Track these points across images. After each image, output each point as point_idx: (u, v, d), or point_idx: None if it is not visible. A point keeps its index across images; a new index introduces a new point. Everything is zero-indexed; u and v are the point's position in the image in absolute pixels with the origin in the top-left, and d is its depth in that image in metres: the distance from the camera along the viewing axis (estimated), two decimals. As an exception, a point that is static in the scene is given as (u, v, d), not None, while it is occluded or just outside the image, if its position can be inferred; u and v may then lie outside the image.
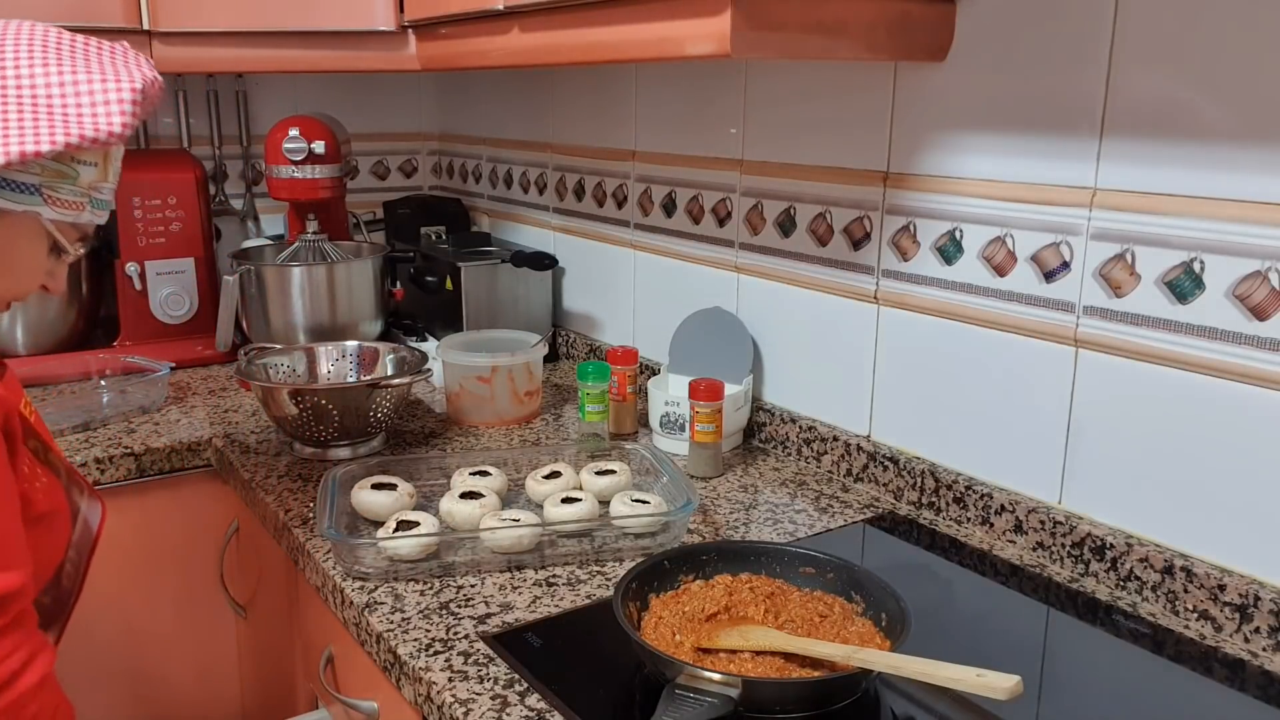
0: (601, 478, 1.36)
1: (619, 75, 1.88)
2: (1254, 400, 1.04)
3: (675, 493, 1.30)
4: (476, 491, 1.29)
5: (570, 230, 2.10)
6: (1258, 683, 1.00)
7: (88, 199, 0.97)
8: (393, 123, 2.56)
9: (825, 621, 1.03)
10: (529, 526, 1.21)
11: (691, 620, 1.02)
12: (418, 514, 1.24)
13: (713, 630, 1.01)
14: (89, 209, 0.97)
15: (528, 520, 1.22)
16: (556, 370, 2.05)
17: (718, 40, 1.07)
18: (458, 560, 1.20)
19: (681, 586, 1.09)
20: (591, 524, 1.24)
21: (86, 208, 0.97)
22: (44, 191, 0.92)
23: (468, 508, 1.26)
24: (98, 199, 0.98)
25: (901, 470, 1.41)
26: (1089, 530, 1.18)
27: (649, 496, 1.30)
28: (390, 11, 1.74)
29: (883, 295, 1.42)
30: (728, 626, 1.01)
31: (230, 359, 1.97)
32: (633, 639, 0.96)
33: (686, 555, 1.11)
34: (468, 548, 1.22)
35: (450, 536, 1.22)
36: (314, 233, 1.97)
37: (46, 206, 0.93)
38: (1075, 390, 1.20)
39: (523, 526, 1.20)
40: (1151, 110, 1.09)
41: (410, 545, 1.18)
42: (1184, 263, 1.08)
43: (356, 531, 1.27)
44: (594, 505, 1.27)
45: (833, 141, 1.46)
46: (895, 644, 0.96)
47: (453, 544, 1.21)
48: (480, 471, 1.37)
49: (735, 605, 1.04)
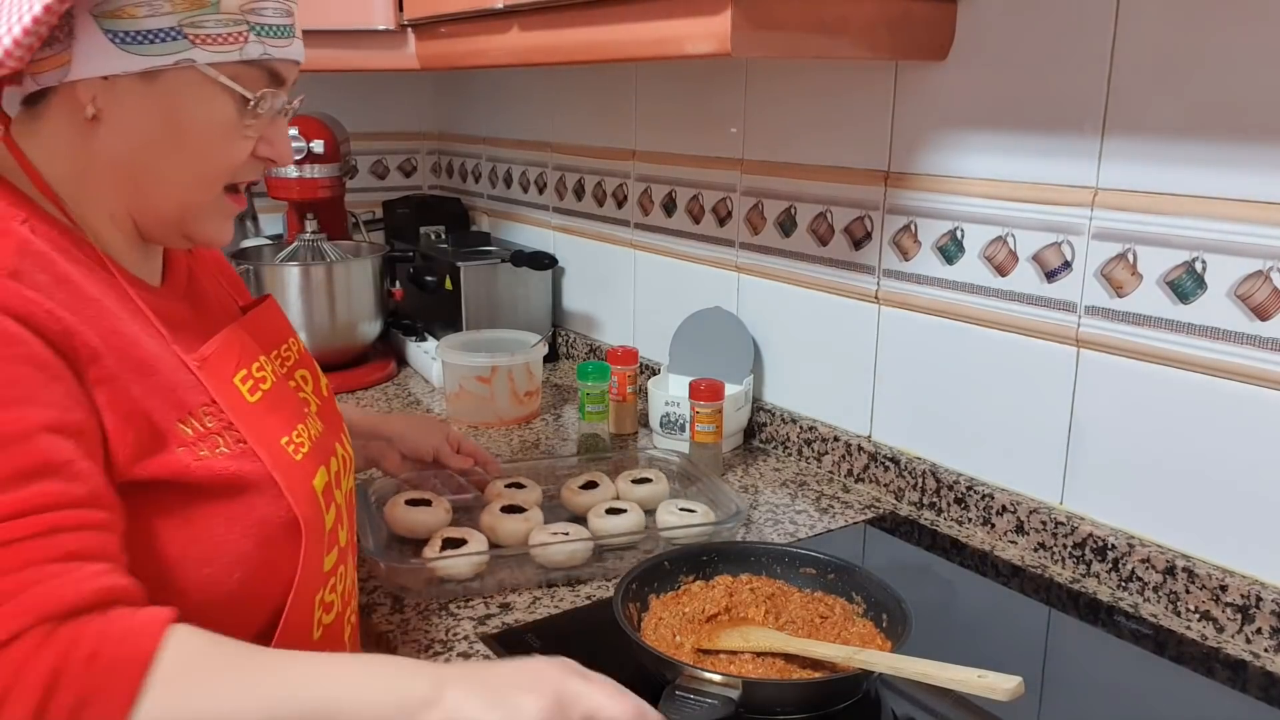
0: (640, 486, 1.34)
1: (619, 75, 1.88)
2: (1256, 400, 1.03)
3: (718, 499, 1.29)
4: (518, 505, 1.24)
5: (570, 230, 2.10)
6: (1259, 683, 1.00)
7: (246, 26, 0.77)
8: (392, 122, 2.56)
9: (826, 623, 1.02)
10: (581, 541, 1.17)
11: (692, 621, 1.02)
12: (461, 530, 1.19)
13: (713, 631, 1.00)
14: (253, 38, 0.77)
15: (578, 534, 1.18)
16: (556, 370, 2.05)
17: (718, 39, 1.07)
18: (507, 578, 1.15)
19: (682, 587, 1.08)
20: (640, 535, 1.22)
21: (249, 37, 0.77)
22: (187, 32, 0.75)
23: (512, 523, 1.21)
24: (260, 24, 0.78)
25: (902, 471, 1.40)
26: (1090, 531, 1.18)
27: (694, 505, 1.28)
28: (389, 11, 1.74)
29: (884, 295, 1.42)
30: (728, 627, 1.01)
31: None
32: (633, 640, 0.95)
33: (687, 556, 1.11)
34: (517, 564, 1.17)
35: (505, 554, 1.17)
36: (313, 232, 1.96)
37: (196, 48, 0.75)
38: (1077, 390, 1.19)
39: (575, 541, 1.17)
40: (1153, 109, 1.08)
41: (463, 565, 1.13)
42: (1186, 262, 1.07)
43: (393, 548, 1.22)
44: (640, 515, 1.25)
45: (833, 141, 1.46)
46: (896, 645, 0.95)
47: (505, 561, 1.16)
48: (515, 484, 1.33)
49: (736, 606, 1.04)
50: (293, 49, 0.82)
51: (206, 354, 0.82)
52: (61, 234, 0.76)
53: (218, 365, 0.82)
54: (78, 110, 0.76)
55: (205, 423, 0.79)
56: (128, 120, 0.77)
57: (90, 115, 0.76)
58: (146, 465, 0.74)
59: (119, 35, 0.74)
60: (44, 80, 0.76)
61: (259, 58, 0.79)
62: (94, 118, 0.77)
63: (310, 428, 0.89)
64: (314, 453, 0.88)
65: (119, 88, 0.76)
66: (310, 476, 0.85)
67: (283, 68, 0.81)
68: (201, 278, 0.95)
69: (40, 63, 0.75)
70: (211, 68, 0.76)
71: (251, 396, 0.84)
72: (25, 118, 0.79)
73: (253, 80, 0.79)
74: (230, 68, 0.77)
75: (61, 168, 0.79)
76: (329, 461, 0.90)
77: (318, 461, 0.88)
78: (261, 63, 0.79)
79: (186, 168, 0.80)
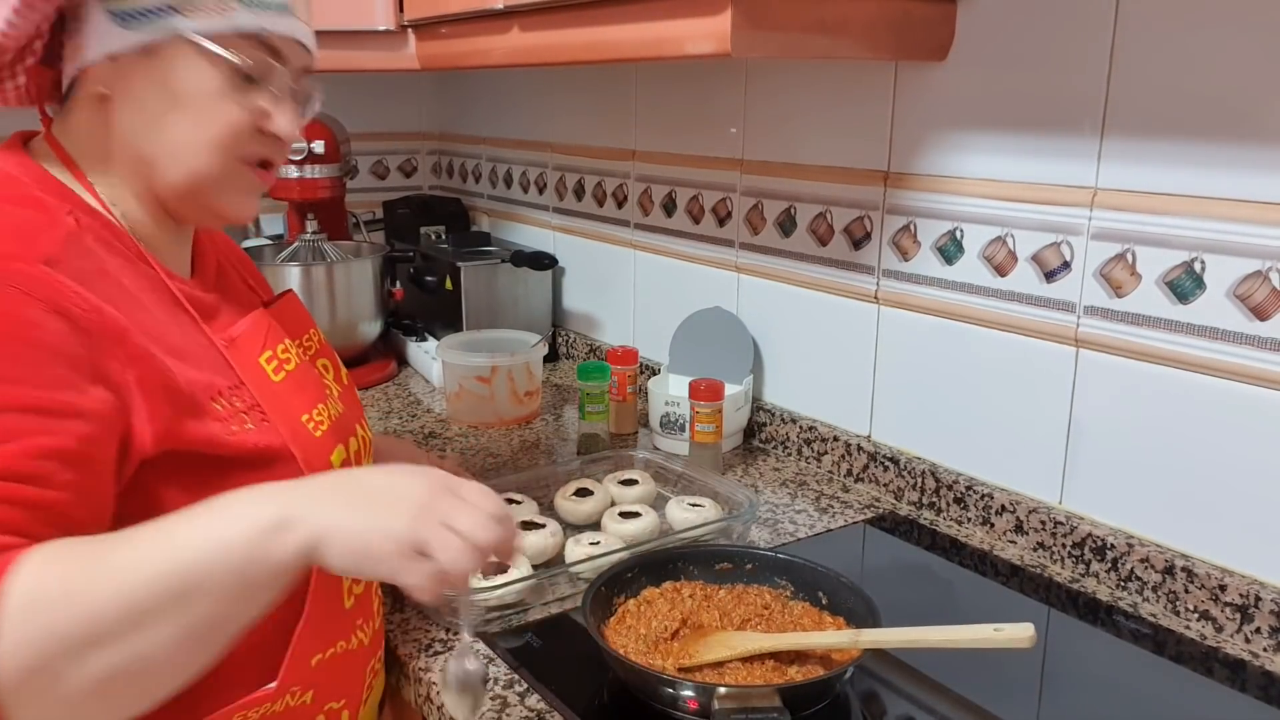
0: (628, 488, 1.33)
1: (619, 75, 1.88)
2: (1255, 400, 1.04)
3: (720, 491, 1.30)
4: (533, 521, 1.21)
5: (570, 230, 2.10)
6: (1258, 683, 1.00)
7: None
8: (392, 122, 2.56)
9: (770, 612, 1.02)
10: (616, 551, 1.15)
11: (656, 644, 0.98)
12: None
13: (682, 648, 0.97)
14: (240, 8, 0.80)
15: (611, 545, 1.17)
16: (556, 370, 2.05)
17: (718, 39, 1.07)
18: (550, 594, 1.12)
19: (618, 610, 1.04)
20: (659, 537, 1.21)
21: (236, 8, 0.80)
22: (177, 5, 0.78)
23: (537, 539, 1.17)
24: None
25: (902, 470, 1.41)
26: (1090, 530, 1.18)
27: (700, 500, 1.28)
28: (390, 11, 1.74)
29: (883, 295, 1.42)
30: (694, 640, 0.98)
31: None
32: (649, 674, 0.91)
33: (614, 578, 1.06)
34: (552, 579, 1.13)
35: (547, 576, 1.12)
36: (313, 233, 1.97)
37: (185, 19, 0.78)
38: (1076, 390, 1.19)
39: (614, 552, 1.14)
40: (1152, 109, 1.08)
41: (514, 592, 1.09)
42: (1185, 263, 1.07)
43: None
44: (654, 517, 1.24)
45: (833, 141, 1.46)
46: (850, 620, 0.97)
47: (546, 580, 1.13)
48: (509, 499, 1.28)
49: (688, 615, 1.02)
50: (292, 26, 0.83)
51: (235, 334, 0.86)
52: (103, 226, 0.81)
53: (245, 345, 0.86)
54: (95, 95, 0.81)
55: (234, 402, 0.82)
56: (134, 96, 0.81)
57: (102, 95, 0.81)
58: (184, 434, 0.76)
59: (119, 15, 0.78)
60: (68, 71, 0.82)
61: (253, 29, 0.81)
62: (106, 98, 0.81)
63: (330, 408, 0.92)
64: (333, 430, 0.90)
65: (124, 66, 0.80)
66: (328, 452, 0.88)
67: (282, 44, 0.83)
68: (229, 272, 0.98)
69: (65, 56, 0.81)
70: (201, 36, 0.79)
71: (276, 376, 0.88)
72: (61, 115, 0.85)
73: (247, 50, 0.81)
74: (222, 37, 0.80)
75: (90, 155, 0.83)
76: (348, 441, 0.93)
77: (336, 439, 0.90)
78: (258, 35, 0.81)
79: (188, 136, 0.82)
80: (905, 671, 0.99)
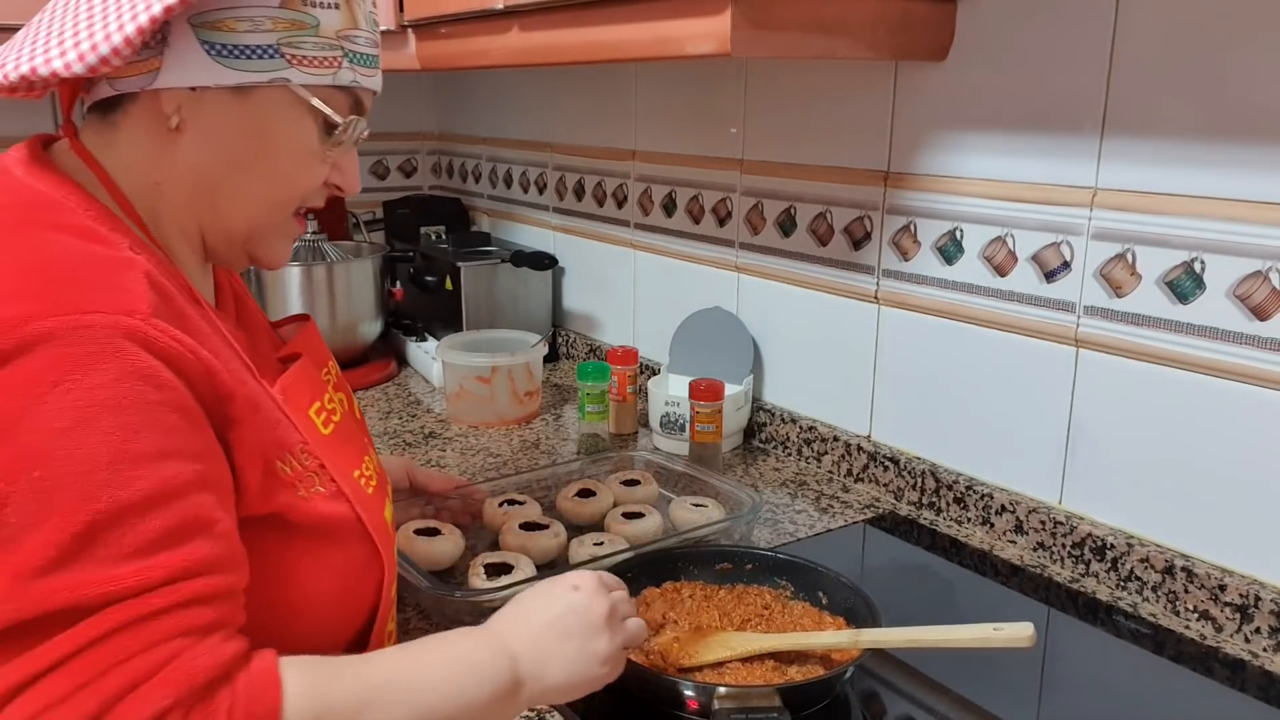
0: (631, 488, 1.33)
1: (619, 75, 1.88)
2: (1255, 400, 1.04)
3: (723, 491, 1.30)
4: (535, 522, 1.20)
5: (570, 230, 2.10)
6: (1258, 683, 1.00)
7: (340, 52, 0.77)
8: (392, 122, 2.56)
9: (771, 612, 1.02)
10: (624, 552, 1.14)
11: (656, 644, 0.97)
12: (498, 555, 1.13)
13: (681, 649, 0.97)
14: (345, 64, 0.77)
15: (616, 545, 1.16)
16: (556, 370, 2.05)
17: (718, 39, 1.07)
18: None
19: None
20: (667, 537, 1.20)
21: (342, 63, 0.77)
22: (285, 51, 0.74)
23: (545, 539, 1.17)
24: (354, 51, 0.78)
25: (902, 470, 1.41)
26: (1089, 530, 1.18)
27: (703, 500, 1.28)
28: (389, 11, 1.74)
29: (883, 295, 1.42)
30: (694, 641, 0.98)
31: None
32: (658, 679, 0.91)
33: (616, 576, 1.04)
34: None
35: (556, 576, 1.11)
36: (313, 233, 1.97)
37: (293, 69, 0.74)
38: (1076, 390, 1.19)
39: (619, 553, 1.13)
40: (1152, 110, 1.08)
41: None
42: (1185, 263, 1.07)
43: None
44: (659, 517, 1.24)
45: (833, 141, 1.46)
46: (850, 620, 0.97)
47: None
48: (510, 500, 1.28)
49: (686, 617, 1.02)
50: (377, 79, 0.82)
51: (286, 385, 0.80)
52: (157, 262, 0.72)
53: (295, 398, 0.80)
54: (160, 119, 0.74)
55: (303, 461, 0.77)
56: (213, 133, 0.75)
57: (174, 125, 0.74)
58: (271, 498, 0.73)
59: (216, 47, 0.73)
60: (124, 85, 0.73)
61: (349, 84, 0.79)
62: (177, 128, 0.75)
63: (373, 458, 0.88)
64: (380, 484, 0.86)
65: (207, 99, 0.74)
66: (380, 509, 0.84)
67: (365, 97, 0.82)
68: (243, 300, 0.93)
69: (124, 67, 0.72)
70: (305, 89, 0.76)
71: (325, 429, 0.82)
72: (98, 126, 0.77)
73: (340, 105, 0.79)
74: (322, 91, 0.77)
75: (138, 180, 0.76)
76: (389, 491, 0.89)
77: (383, 494, 0.86)
78: (350, 89, 0.79)
79: (264, 186, 0.79)
80: (905, 671, 0.99)
